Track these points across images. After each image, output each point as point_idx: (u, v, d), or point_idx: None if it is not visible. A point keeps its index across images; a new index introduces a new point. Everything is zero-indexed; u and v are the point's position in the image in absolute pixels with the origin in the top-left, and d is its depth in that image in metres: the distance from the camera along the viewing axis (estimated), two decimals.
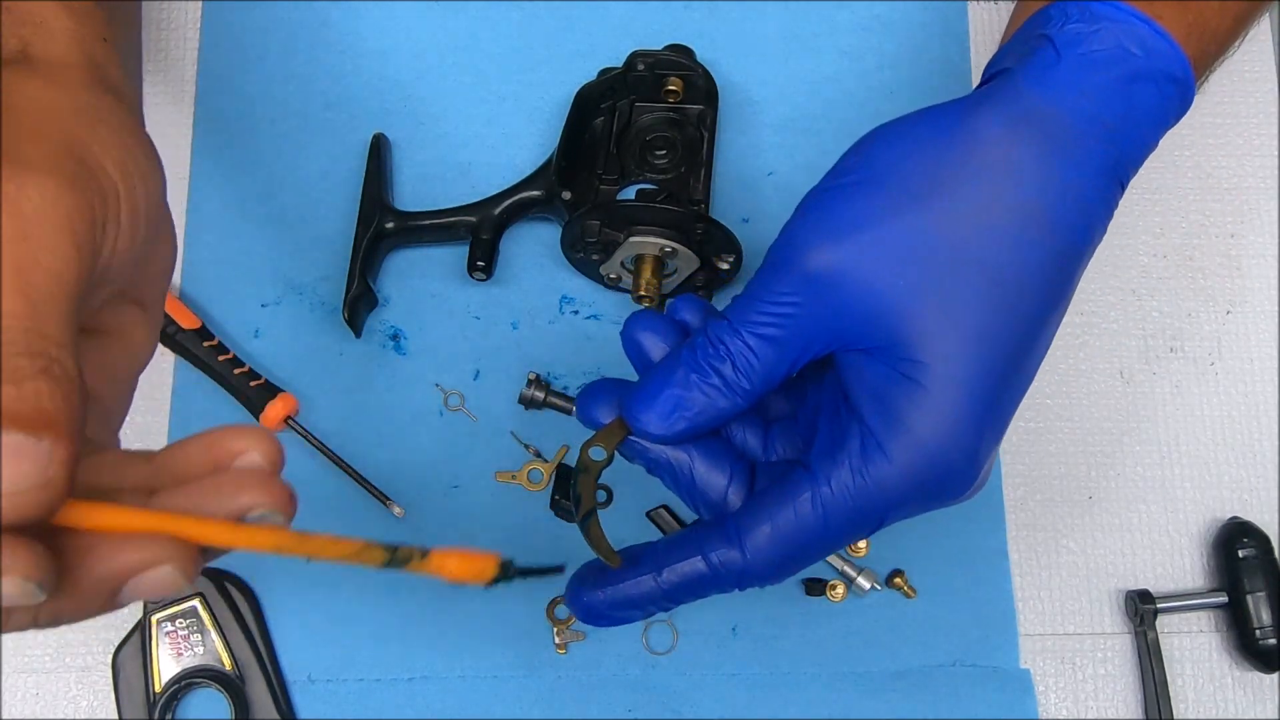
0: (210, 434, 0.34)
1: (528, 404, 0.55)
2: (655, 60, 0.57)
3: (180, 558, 0.31)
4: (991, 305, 0.38)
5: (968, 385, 0.37)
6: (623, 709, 0.53)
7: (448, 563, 0.36)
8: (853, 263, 0.38)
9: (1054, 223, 0.39)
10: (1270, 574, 0.53)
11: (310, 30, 0.62)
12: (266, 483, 0.32)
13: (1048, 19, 0.42)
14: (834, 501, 0.38)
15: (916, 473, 0.37)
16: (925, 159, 0.39)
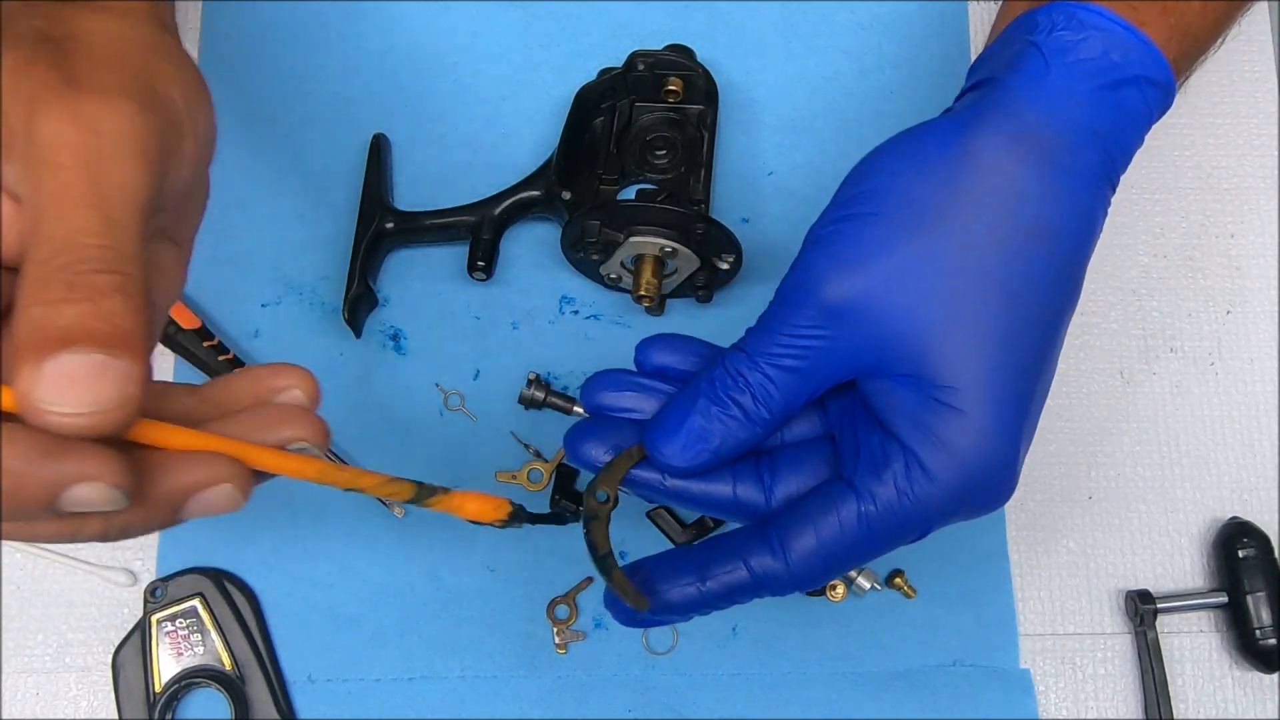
0: (256, 370, 0.37)
1: (528, 404, 0.55)
2: (655, 60, 0.57)
3: (239, 478, 0.33)
4: (1011, 321, 0.39)
5: (1000, 401, 0.38)
6: (623, 709, 0.53)
7: (467, 503, 0.40)
8: (872, 294, 0.39)
9: (1058, 233, 0.40)
10: (1270, 574, 0.53)
11: (310, 30, 0.62)
12: (307, 417, 0.35)
13: (1034, 25, 0.42)
14: (879, 517, 0.39)
15: (960, 488, 0.38)
16: (932, 183, 0.40)
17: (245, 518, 0.54)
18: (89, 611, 0.54)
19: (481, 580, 0.54)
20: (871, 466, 0.39)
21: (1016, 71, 0.41)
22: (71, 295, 0.30)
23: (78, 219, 0.31)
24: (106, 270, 0.31)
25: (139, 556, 0.55)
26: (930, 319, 0.38)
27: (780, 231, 0.59)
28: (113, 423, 0.30)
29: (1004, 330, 0.39)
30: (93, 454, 0.30)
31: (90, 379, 0.29)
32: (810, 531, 0.39)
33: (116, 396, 0.30)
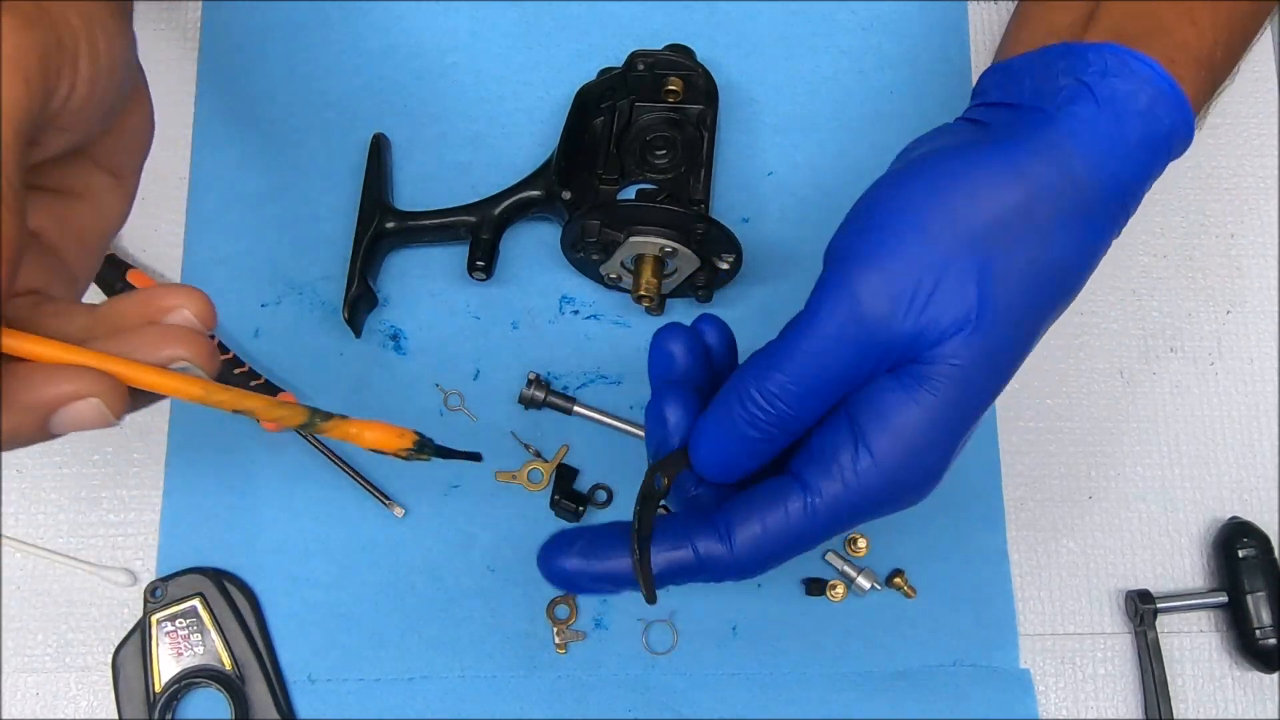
0: (148, 290, 0.37)
1: (528, 404, 0.55)
2: (655, 60, 0.57)
3: (109, 393, 0.33)
4: (1009, 350, 0.41)
5: (966, 418, 0.40)
6: (623, 709, 0.53)
7: (366, 432, 0.39)
8: (907, 314, 0.40)
9: (1073, 271, 0.42)
10: (1270, 574, 0.53)
11: (310, 30, 0.62)
12: (194, 338, 0.36)
13: (1085, 63, 0.43)
14: (822, 508, 0.40)
15: (896, 484, 0.40)
16: (980, 209, 0.40)
17: (245, 517, 0.55)
18: (89, 611, 0.54)
19: (481, 580, 0.54)
20: (819, 456, 0.40)
21: (1068, 112, 0.42)
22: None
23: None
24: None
25: (139, 556, 0.55)
26: (952, 333, 0.40)
27: (780, 231, 0.59)
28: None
29: (997, 353, 0.40)
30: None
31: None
32: (757, 520, 0.41)
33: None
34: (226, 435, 0.56)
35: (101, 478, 0.56)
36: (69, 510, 0.55)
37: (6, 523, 0.55)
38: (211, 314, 0.37)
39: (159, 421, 0.56)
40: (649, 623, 0.54)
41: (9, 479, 0.56)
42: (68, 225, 0.40)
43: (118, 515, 0.55)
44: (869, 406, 0.40)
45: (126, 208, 0.43)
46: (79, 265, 0.41)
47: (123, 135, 0.41)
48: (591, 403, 0.56)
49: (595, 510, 0.55)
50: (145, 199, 0.59)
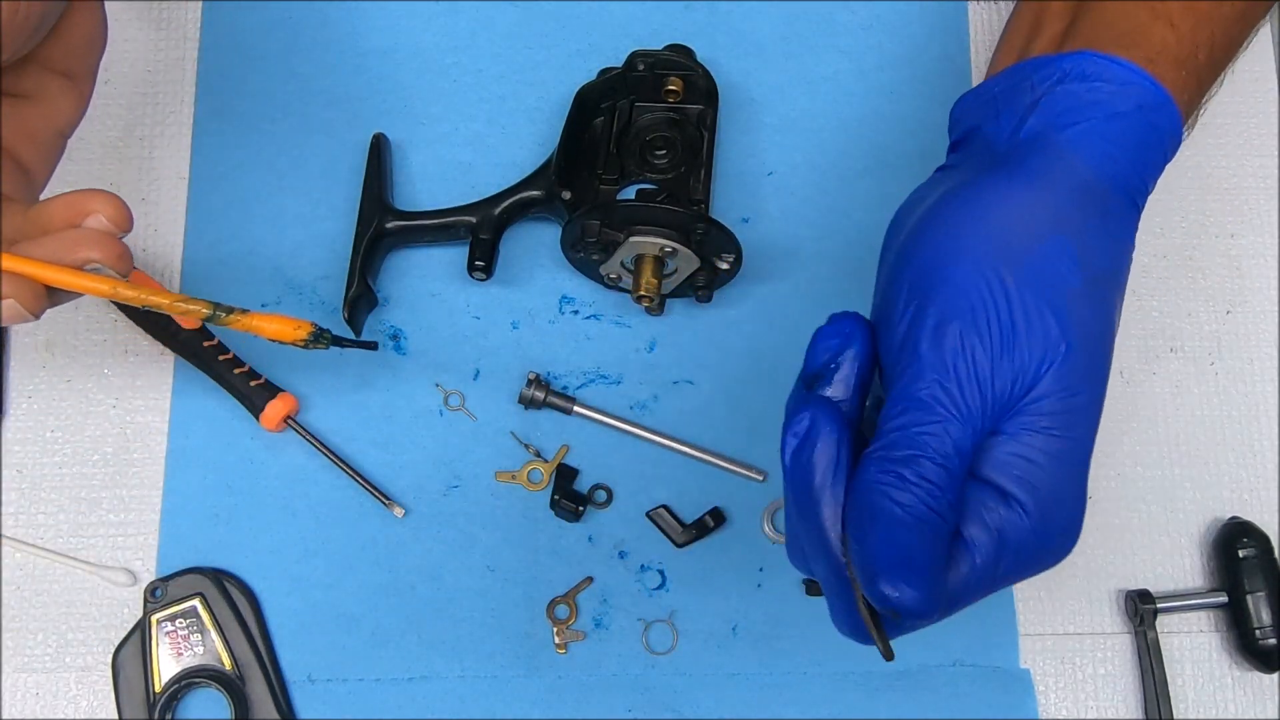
0: (70, 195, 0.42)
1: (528, 404, 0.55)
2: (655, 60, 0.57)
3: (25, 295, 0.39)
4: (1100, 369, 0.40)
5: (1087, 448, 0.39)
6: (623, 709, 0.53)
7: (266, 324, 0.43)
8: (997, 370, 0.38)
9: (1113, 280, 0.41)
10: (1270, 574, 0.53)
11: (310, 30, 0.62)
12: (106, 241, 0.40)
13: (1062, 72, 0.43)
14: (984, 567, 0.38)
15: (1050, 532, 0.38)
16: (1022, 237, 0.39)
17: (245, 518, 0.55)
18: (89, 611, 0.54)
19: (481, 580, 0.54)
20: (975, 518, 0.38)
21: (1060, 123, 0.42)
22: None
23: None
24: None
25: (139, 556, 0.55)
26: (1037, 365, 0.38)
27: (780, 231, 0.59)
28: None
29: (1089, 374, 0.39)
30: None
31: None
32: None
33: None
34: (226, 435, 0.56)
35: (101, 478, 0.56)
36: (69, 510, 0.55)
37: (6, 523, 0.55)
38: (126, 218, 0.42)
39: (159, 422, 0.56)
40: (649, 623, 0.54)
41: (9, 479, 0.56)
42: (20, 126, 0.45)
43: (118, 515, 0.55)
44: (996, 462, 0.38)
45: (81, 106, 0.47)
46: (34, 164, 0.45)
47: (71, 38, 0.45)
48: (591, 403, 0.56)
49: (595, 510, 0.55)
50: (145, 199, 0.59)
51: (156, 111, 0.60)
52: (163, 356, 0.57)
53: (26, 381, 0.57)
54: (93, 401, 0.57)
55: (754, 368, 0.57)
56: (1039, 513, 0.38)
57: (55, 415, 0.56)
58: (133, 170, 0.59)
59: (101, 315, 0.57)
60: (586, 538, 0.55)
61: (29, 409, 0.57)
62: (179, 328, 0.55)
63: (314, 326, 0.44)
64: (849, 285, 0.58)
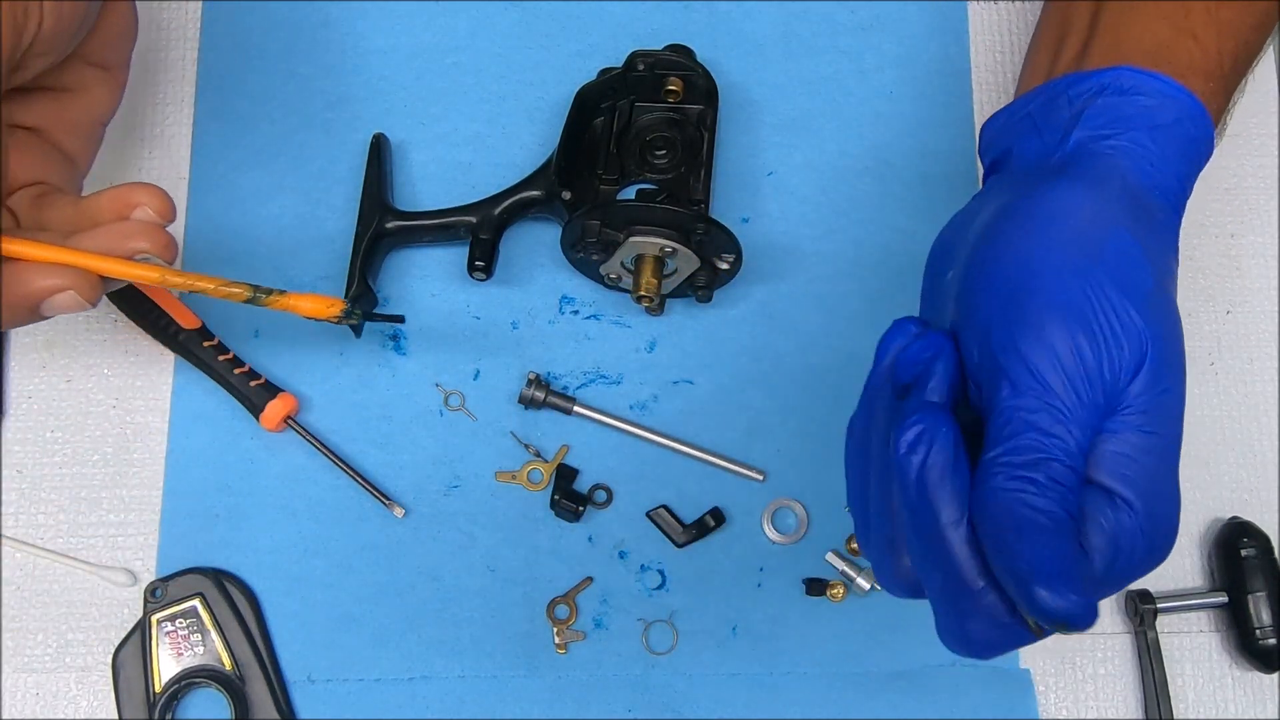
0: (118, 189, 0.44)
1: (528, 404, 0.55)
2: (655, 60, 0.57)
3: (83, 285, 0.42)
4: (1180, 366, 0.40)
5: (1178, 446, 0.40)
6: (623, 709, 0.53)
7: (301, 302, 0.47)
8: (1094, 375, 0.38)
9: (1171, 281, 0.42)
10: (1270, 574, 0.53)
11: (311, 30, 0.62)
12: (154, 232, 0.43)
13: (1100, 87, 0.44)
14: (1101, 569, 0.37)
15: (1159, 528, 0.38)
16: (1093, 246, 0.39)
17: (245, 518, 0.55)
18: (89, 611, 0.54)
19: (481, 580, 0.54)
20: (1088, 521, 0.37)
21: (1106, 135, 0.43)
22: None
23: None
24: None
25: (139, 556, 0.55)
26: (1132, 367, 0.39)
27: (780, 231, 0.59)
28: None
29: (1174, 370, 0.40)
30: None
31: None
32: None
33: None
34: (226, 435, 0.56)
35: (101, 478, 0.56)
36: (69, 510, 0.55)
37: (6, 523, 0.55)
38: (170, 209, 0.45)
39: (159, 422, 0.56)
40: (649, 623, 0.54)
41: (9, 479, 0.56)
42: (64, 118, 0.48)
43: (118, 515, 0.55)
44: (1111, 469, 0.38)
45: (117, 96, 0.50)
46: (77, 153, 0.49)
47: (106, 33, 0.47)
48: (591, 403, 0.56)
49: (595, 510, 0.55)
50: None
51: (156, 112, 0.60)
52: (163, 356, 0.57)
53: (26, 381, 0.57)
54: (93, 401, 0.57)
55: (754, 368, 0.57)
56: (1145, 511, 0.37)
57: (55, 415, 0.56)
58: (133, 170, 0.59)
59: (102, 315, 0.57)
60: (586, 538, 0.55)
61: (29, 409, 0.57)
62: (179, 328, 0.55)
63: (346, 304, 0.47)
64: (849, 285, 0.58)
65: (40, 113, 0.47)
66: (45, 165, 0.47)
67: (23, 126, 0.47)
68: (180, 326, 0.55)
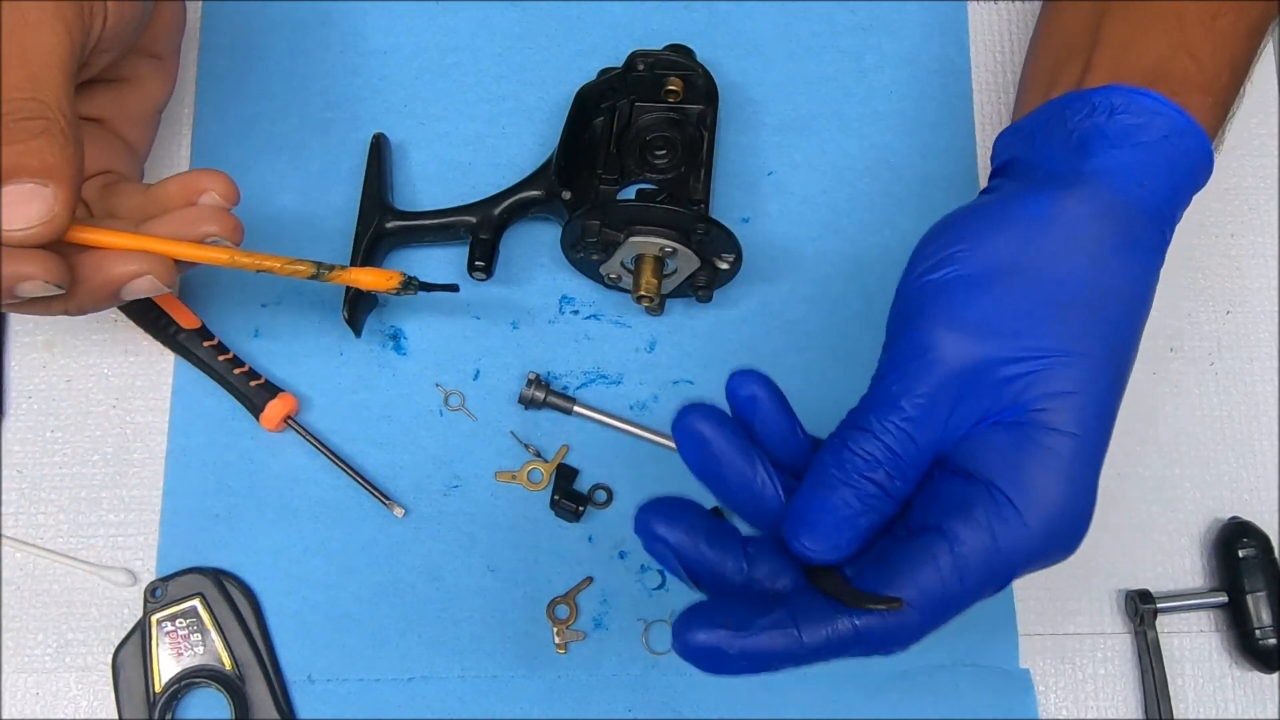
0: (185, 175, 0.47)
1: (528, 404, 0.55)
2: (655, 60, 0.57)
3: (160, 269, 0.44)
4: (1106, 379, 0.41)
5: (1092, 450, 0.40)
6: (623, 709, 0.53)
7: (362, 275, 0.50)
8: (992, 352, 0.40)
9: (1136, 299, 0.43)
10: (1270, 574, 0.53)
11: (311, 30, 0.62)
12: (222, 216, 0.46)
13: (1091, 107, 0.45)
14: (970, 565, 0.39)
15: (1049, 532, 0.39)
16: (1030, 246, 0.42)
17: (245, 518, 0.55)
18: (89, 611, 0.54)
19: (481, 580, 0.54)
20: (959, 513, 0.39)
21: (1085, 153, 0.44)
22: (9, 139, 0.39)
23: (10, 79, 0.40)
24: (33, 117, 0.40)
25: (139, 556, 0.55)
26: (1044, 369, 0.40)
27: (780, 231, 0.59)
28: (48, 233, 0.40)
29: (1094, 382, 0.41)
30: (35, 259, 0.40)
31: (24, 203, 0.39)
32: (909, 582, 0.39)
33: (45, 213, 0.40)
34: (226, 435, 0.56)
35: (101, 478, 0.56)
36: (69, 510, 0.55)
37: (6, 523, 0.55)
38: (235, 193, 0.47)
39: (159, 422, 0.56)
40: (649, 623, 0.54)
41: (9, 479, 0.56)
42: (124, 108, 0.51)
43: (118, 515, 0.55)
44: (999, 461, 0.39)
45: (171, 84, 0.53)
46: (137, 140, 0.52)
47: (159, 25, 0.51)
48: (591, 403, 0.56)
49: (595, 510, 0.55)
50: None
51: None
52: (163, 356, 0.57)
53: (26, 381, 0.57)
54: (93, 401, 0.57)
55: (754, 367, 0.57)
56: (1031, 508, 0.39)
57: (55, 415, 0.56)
58: None
59: (101, 315, 0.57)
60: (586, 538, 0.55)
61: (29, 409, 0.57)
62: (179, 328, 0.55)
63: (403, 275, 0.50)
64: (849, 285, 0.58)
65: (103, 104, 0.50)
66: (111, 154, 0.50)
67: (87, 118, 0.49)
68: (180, 326, 0.55)
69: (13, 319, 0.58)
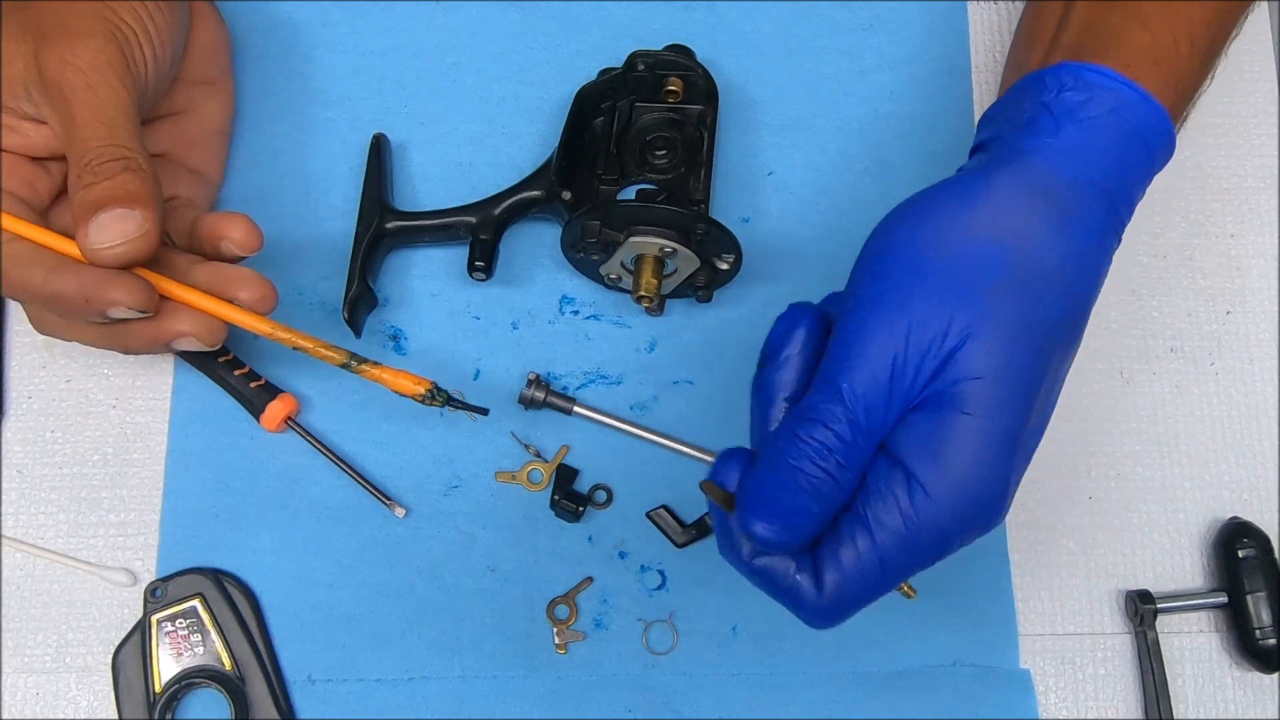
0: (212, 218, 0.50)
1: (528, 404, 0.55)
2: (655, 60, 0.57)
3: (208, 333, 0.48)
4: (1025, 360, 0.41)
5: (1005, 432, 0.40)
6: (623, 709, 0.53)
7: (391, 378, 0.50)
8: (919, 340, 0.40)
9: (1067, 278, 0.42)
10: (1270, 574, 0.53)
11: (311, 30, 0.62)
12: (254, 283, 0.49)
13: (1042, 85, 0.45)
14: (888, 543, 0.40)
15: (957, 509, 0.40)
16: (954, 231, 0.42)
17: (245, 518, 0.55)
18: (89, 611, 0.54)
19: (481, 580, 0.54)
20: (877, 495, 0.40)
21: (1028, 131, 0.44)
22: (96, 179, 0.45)
23: (90, 132, 0.46)
24: (114, 159, 0.46)
25: (139, 556, 0.55)
26: (963, 359, 0.40)
27: (780, 231, 0.59)
28: (136, 251, 0.46)
29: (1018, 366, 0.41)
30: (126, 281, 0.45)
31: (116, 224, 0.45)
32: (836, 564, 0.41)
33: (134, 230, 0.45)
34: (226, 435, 0.56)
35: (101, 478, 0.56)
36: (69, 510, 0.55)
37: (6, 523, 0.55)
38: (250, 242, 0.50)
39: (159, 422, 0.56)
40: (649, 623, 0.54)
41: (9, 479, 0.56)
42: (184, 138, 0.55)
43: (118, 515, 0.55)
44: (911, 441, 0.40)
45: (229, 103, 0.57)
46: (203, 166, 0.55)
47: (201, 52, 0.55)
48: (591, 403, 0.56)
49: (595, 510, 0.55)
50: None
51: None
52: (163, 357, 0.57)
53: (26, 381, 0.57)
54: (93, 401, 0.57)
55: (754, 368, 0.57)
56: (938, 490, 0.40)
57: (55, 415, 0.57)
58: None
59: None
60: (586, 538, 0.55)
61: (29, 409, 0.57)
62: None
63: (431, 384, 0.51)
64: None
65: (161, 139, 0.54)
66: (174, 182, 0.53)
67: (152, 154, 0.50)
68: None
69: (12, 319, 0.58)
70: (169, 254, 0.50)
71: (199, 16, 0.55)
